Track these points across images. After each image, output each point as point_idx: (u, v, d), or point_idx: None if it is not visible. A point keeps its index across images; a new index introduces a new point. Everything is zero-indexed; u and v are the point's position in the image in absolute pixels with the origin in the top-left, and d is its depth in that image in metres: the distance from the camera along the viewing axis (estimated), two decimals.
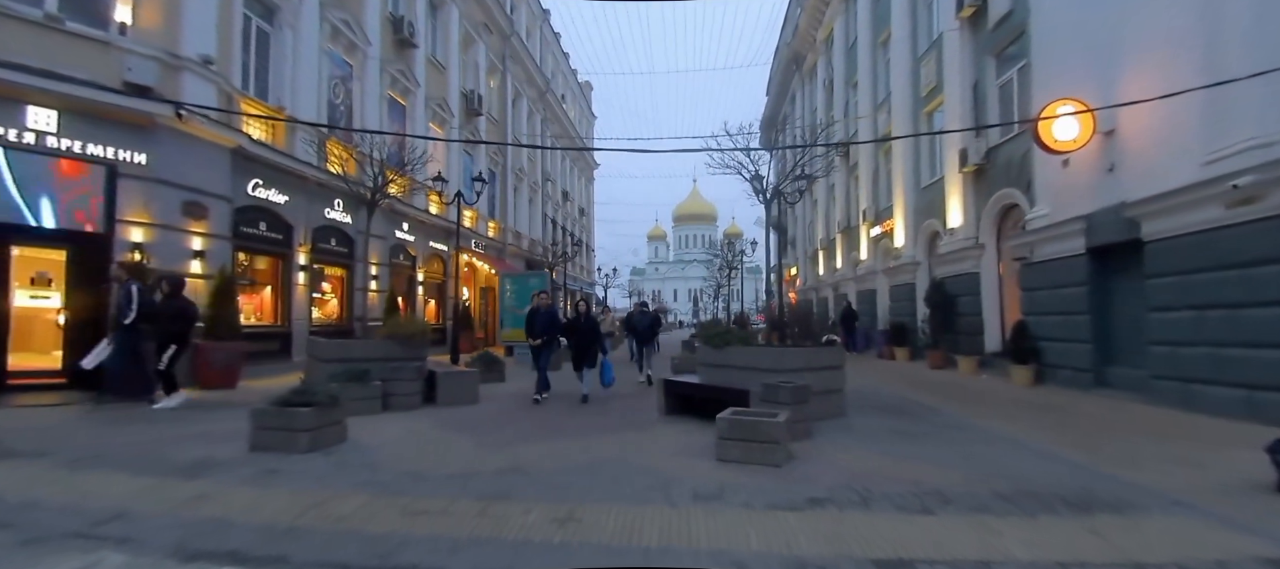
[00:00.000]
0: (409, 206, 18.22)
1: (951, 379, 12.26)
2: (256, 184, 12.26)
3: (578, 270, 42.30)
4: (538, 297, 9.74)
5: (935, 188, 16.16)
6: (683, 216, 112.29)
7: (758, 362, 7.53)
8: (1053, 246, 10.47)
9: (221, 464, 5.27)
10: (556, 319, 9.46)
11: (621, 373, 12.52)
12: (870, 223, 21.39)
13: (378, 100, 16.67)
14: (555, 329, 9.38)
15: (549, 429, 7.05)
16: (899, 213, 18.30)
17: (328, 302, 15.42)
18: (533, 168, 31.87)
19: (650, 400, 8.70)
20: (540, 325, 9.21)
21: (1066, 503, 4.13)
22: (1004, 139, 12.87)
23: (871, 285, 21.55)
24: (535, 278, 17.31)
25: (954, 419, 7.61)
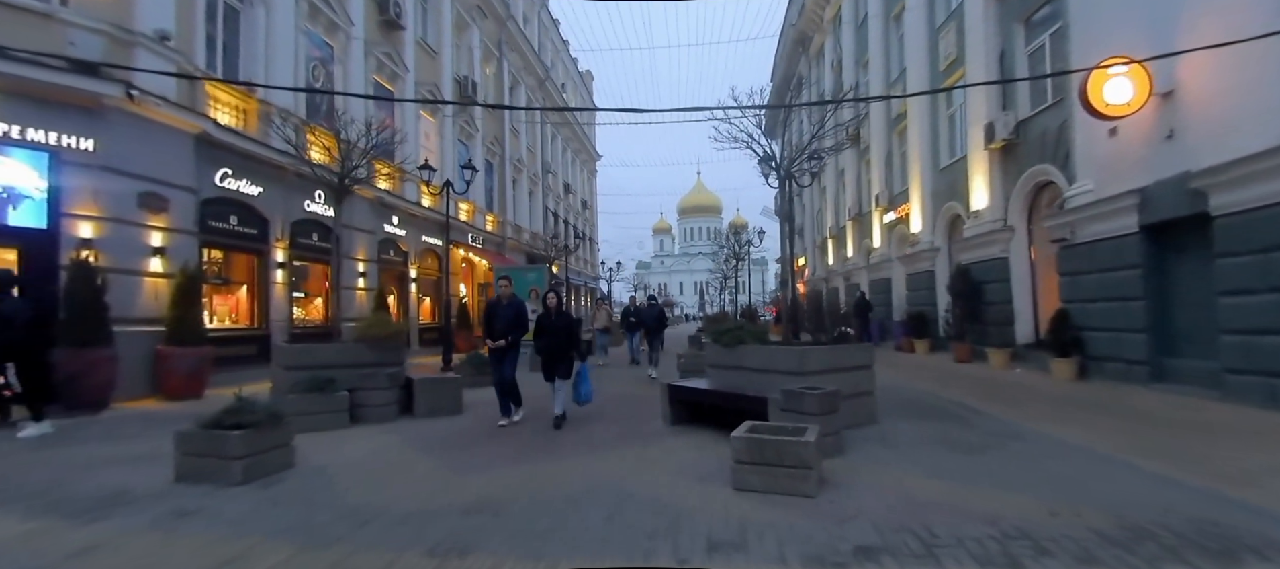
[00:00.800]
0: (399, 199, 17.29)
1: (983, 374, 11.25)
2: (225, 174, 11.34)
3: (581, 264, 41.36)
4: (501, 285, 7.65)
5: (956, 168, 15.10)
6: (687, 209, 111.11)
7: (776, 363, 6.57)
8: (1099, 226, 9.44)
9: (135, 500, 4.38)
10: (523, 315, 7.26)
11: (617, 375, 11.56)
12: (884, 208, 20.34)
13: (363, 85, 15.71)
14: (521, 328, 7.20)
15: (536, 447, 6.10)
16: (915, 197, 17.24)
17: (311, 301, 14.52)
18: (532, 159, 30.90)
19: (654, 406, 7.75)
20: (501, 322, 7.07)
21: (1200, 547, 3.15)
22: (1035, 111, 11.80)
23: (886, 274, 20.52)
24: (533, 272, 16.37)
25: (1005, 425, 6.62)
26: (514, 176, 27.96)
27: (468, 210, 22.45)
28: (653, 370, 11.77)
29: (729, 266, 33.91)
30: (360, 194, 14.96)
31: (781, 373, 6.43)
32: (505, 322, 7.11)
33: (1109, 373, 9.34)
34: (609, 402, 8.73)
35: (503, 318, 7.13)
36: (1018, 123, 12.15)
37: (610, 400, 8.86)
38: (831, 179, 27.60)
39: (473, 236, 22.52)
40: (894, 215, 19.32)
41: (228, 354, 11.15)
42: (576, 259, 39.56)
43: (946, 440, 5.90)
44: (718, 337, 7.42)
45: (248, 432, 4.72)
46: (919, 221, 17.00)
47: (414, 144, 17.85)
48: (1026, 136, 12.01)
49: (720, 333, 7.44)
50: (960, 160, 14.83)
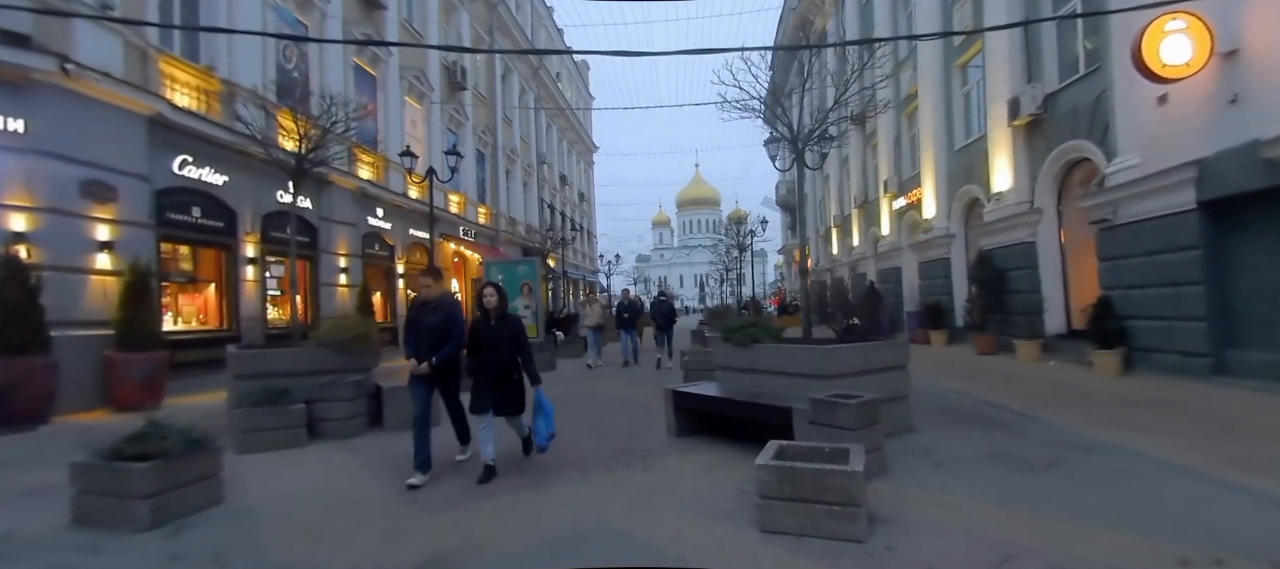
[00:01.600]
0: (383, 189, 16.34)
1: (1013, 369, 10.36)
2: (185, 161, 10.39)
3: (579, 258, 40.44)
4: (423, 283, 5.03)
5: (974, 148, 14.17)
6: (686, 201, 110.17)
7: (798, 365, 5.67)
8: (1146, 203, 8.52)
9: (12, 551, 3.50)
10: (454, 323, 4.86)
11: (612, 378, 10.66)
12: (892, 194, 19.41)
13: (341, 67, 14.74)
14: (450, 341, 4.82)
15: (514, 468, 5.21)
16: (928, 180, 16.30)
17: (283, 300, 13.58)
18: (527, 150, 29.91)
19: (655, 412, 6.86)
20: (427, 335, 4.82)
21: None
22: (1065, 83, 10.86)
23: (895, 263, 19.61)
24: (524, 265, 15.43)
25: (1064, 432, 5.73)
26: (507, 167, 26.98)
27: (458, 202, 21.51)
28: (667, 361, 12.54)
29: (731, 258, 32.99)
30: (339, 184, 14.05)
31: (805, 377, 5.55)
32: (432, 334, 4.77)
33: (1159, 366, 8.45)
34: (604, 409, 7.84)
35: (428, 329, 4.78)
36: (1046, 97, 11.21)
37: (606, 407, 7.97)
38: (835, 166, 26.65)
39: (464, 230, 21.58)
40: (904, 201, 18.39)
41: (193, 359, 10.26)
42: (574, 252, 38.64)
43: (1002, 455, 5.01)
44: (728, 335, 6.51)
45: (157, 464, 3.81)
46: (932, 207, 16.07)
47: (398, 131, 16.90)
48: (1055, 111, 11.08)
49: (731, 331, 6.53)
50: (979, 140, 13.89)
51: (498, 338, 4.76)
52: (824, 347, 5.81)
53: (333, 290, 13.99)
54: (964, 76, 15.05)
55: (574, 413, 7.49)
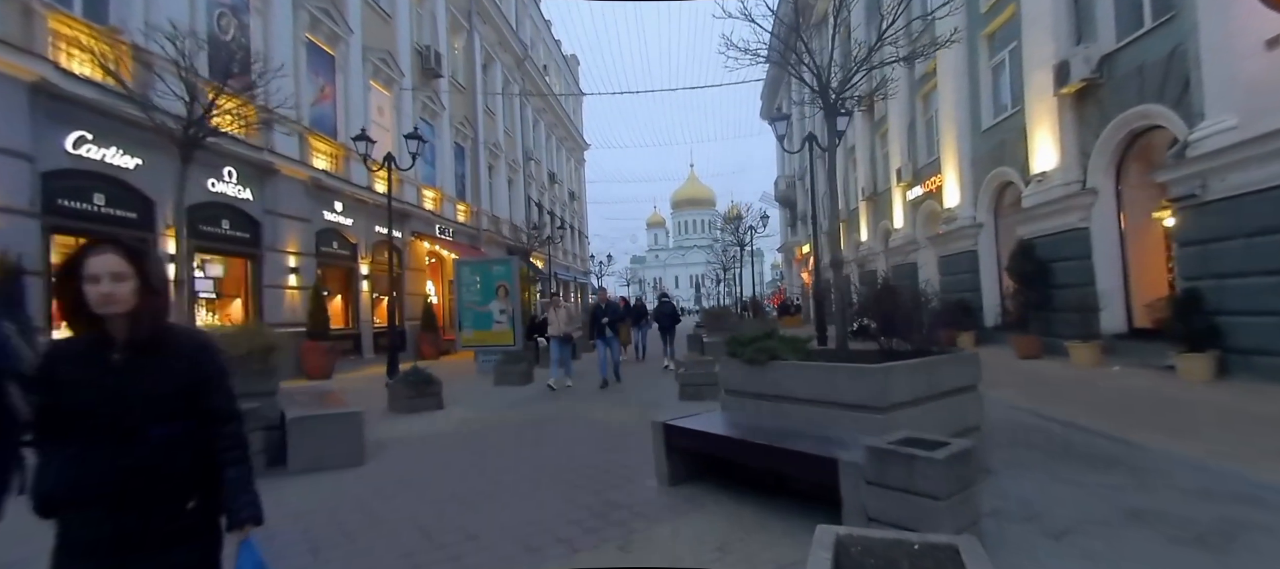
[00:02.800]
0: (343, 181, 14.65)
1: (1070, 375, 8.74)
2: (82, 139, 8.70)
3: (569, 258, 38.78)
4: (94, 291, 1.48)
5: (1008, 126, 12.58)
6: (681, 202, 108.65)
7: (840, 390, 4.05)
8: (1247, 174, 6.93)
9: None
10: None
11: (585, 404, 8.99)
12: (906, 184, 17.83)
13: (290, 43, 13.05)
14: None
15: (443, 539, 3.54)
16: (950, 166, 14.72)
17: (226, 305, 11.86)
18: (512, 145, 28.24)
19: (639, 445, 5.20)
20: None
21: None
22: (1126, 40, 9.28)
23: (909, 258, 18.01)
24: (500, 265, 13.75)
25: (1207, 471, 4.09)
26: (490, 163, 25.30)
27: (434, 198, 19.82)
28: (669, 362, 12.42)
29: (728, 257, 31.35)
30: (287, 173, 12.37)
31: (847, 408, 3.93)
32: None
33: (1264, 371, 6.83)
34: (573, 443, 6.16)
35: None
36: (1101, 58, 9.62)
37: (575, 440, 6.29)
38: (840, 157, 25.00)
39: (441, 228, 19.90)
40: (920, 190, 16.80)
41: None
42: (563, 252, 36.97)
43: (1144, 515, 3.39)
44: (738, 350, 4.84)
45: None
46: (955, 194, 14.48)
47: (361, 119, 15.21)
48: (1113, 74, 9.49)
49: (742, 344, 4.86)
50: (1012, 116, 12.31)
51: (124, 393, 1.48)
52: (874, 367, 4.13)
53: (280, 293, 12.28)
54: (991, 48, 13.47)
55: (532, 450, 5.83)
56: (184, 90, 6.21)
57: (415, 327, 17.47)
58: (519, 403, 8.81)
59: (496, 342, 13.02)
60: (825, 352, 4.97)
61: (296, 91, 13.16)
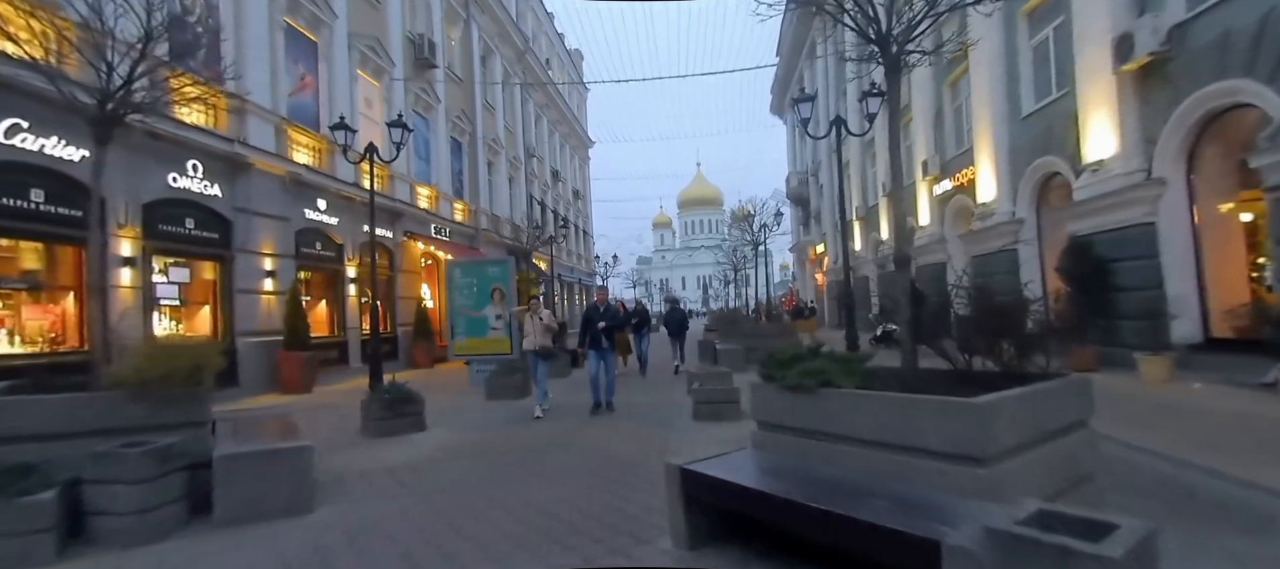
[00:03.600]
0: (327, 177, 13.60)
1: (1143, 394, 7.55)
2: (15, 127, 7.67)
3: (574, 259, 37.73)
4: None
5: (1053, 112, 11.40)
6: (688, 202, 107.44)
7: (918, 431, 2.95)
8: None
9: None
10: None
11: (573, 435, 7.83)
12: (933, 177, 16.65)
13: (265, 26, 12.00)
14: None
15: None
16: (985, 157, 13.54)
17: (192, 313, 10.82)
18: (513, 141, 27.17)
19: (650, 488, 4.11)
20: None
21: None
22: (1202, 7, 8.09)
23: (937, 257, 16.80)
24: (495, 266, 12.64)
25: None
26: (489, 159, 24.24)
27: (429, 196, 18.77)
28: (679, 362, 12.86)
29: (738, 257, 30.16)
30: (262, 168, 11.33)
31: (935, 456, 2.84)
32: None
33: None
34: (563, 483, 5.04)
35: None
36: (1171, 29, 8.44)
37: (564, 477, 5.18)
38: (857, 152, 23.88)
39: (437, 228, 18.84)
40: (949, 184, 15.62)
41: None
42: (568, 253, 35.92)
43: None
44: (778, 371, 3.72)
45: None
46: (991, 188, 13.30)
47: (347, 110, 14.14)
48: (1186, 46, 8.30)
49: (781, 365, 3.74)
50: (1059, 100, 11.13)
51: None
52: (973, 402, 2.97)
53: (253, 299, 11.23)
54: (1030, 26, 12.28)
55: (516, 489, 4.73)
56: (102, 60, 5.11)
57: (408, 333, 16.43)
58: (511, 422, 7.72)
59: (492, 350, 11.90)
60: (890, 374, 3.83)
61: (273, 79, 12.14)
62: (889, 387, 3.48)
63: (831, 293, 29.24)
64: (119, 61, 4.96)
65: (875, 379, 3.58)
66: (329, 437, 7.26)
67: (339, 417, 8.49)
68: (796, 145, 36.78)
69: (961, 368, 3.89)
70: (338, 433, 7.47)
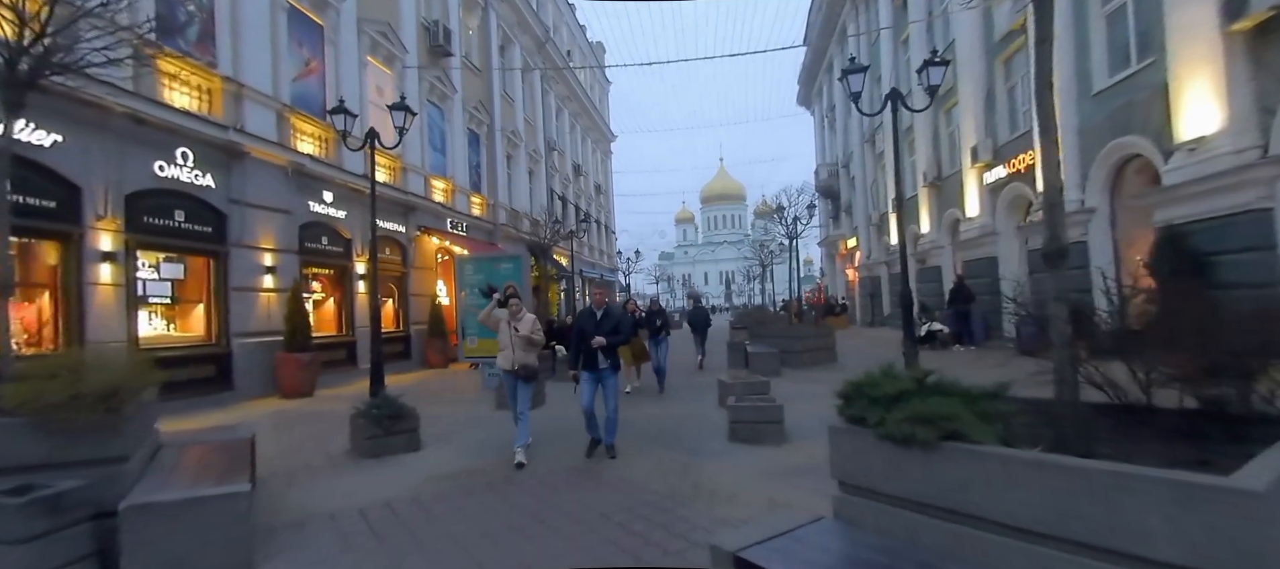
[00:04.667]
0: (334, 168, 12.82)
1: None
2: None
3: (596, 255, 36.84)
4: None
5: (1135, 84, 10.06)
6: (711, 197, 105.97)
7: (1134, 527, 1.78)
8: None
9: None
10: None
11: (558, 487, 6.75)
12: (984, 164, 15.28)
13: (266, 6, 11.22)
14: None
15: None
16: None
17: (186, 312, 10.09)
18: (532, 133, 26.30)
19: (687, 534, 3.09)
20: None
21: None
22: None
23: (986, 251, 15.46)
24: (508, 262, 11.78)
25: None
26: (508, 152, 23.41)
27: (445, 189, 17.97)
28: (702, 359, 13.21)
29: (766, 253, 28.88)
30: (261, 157, 10.58)
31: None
32: None
33: None
34: (581, 549, 4.03)
35: None
36: None
37: (583, 541, 4.17)
38: (891, 141, 22.44)
39: (453, 222, 18.04)
40: (1003, 171, 14.26)
41: None
42: (589, 249, 35.04)
43: None
44: (873, 409, 2.64)
45: None
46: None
47: (356, 98, 13.35)
48: None
49: (877, 402, 2.64)
50: (1143, 71, 9.79)
51: None
52: (1237, 487, 1.82)
53: (251, 297, 10.48)
54: None
55: (506, 551, 3.73)
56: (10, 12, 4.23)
57: (422, 332, 15.65)
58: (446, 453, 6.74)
59: None
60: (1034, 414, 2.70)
61: (274, 63, 11.37)
62: (1042, 438, 2.41)
63: (865, 289, 27.86)
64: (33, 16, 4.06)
65: (1019, 426, 2.49)
66: (310, 457, 6.40)
67: (332, 427, 7.62)
68: (825, 136, 35.33)
69: (1128, 402, 2.80)
70: (322, 451, 6.60)
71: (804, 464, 5.40)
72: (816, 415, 7.34)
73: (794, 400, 7.30)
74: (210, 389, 9.62)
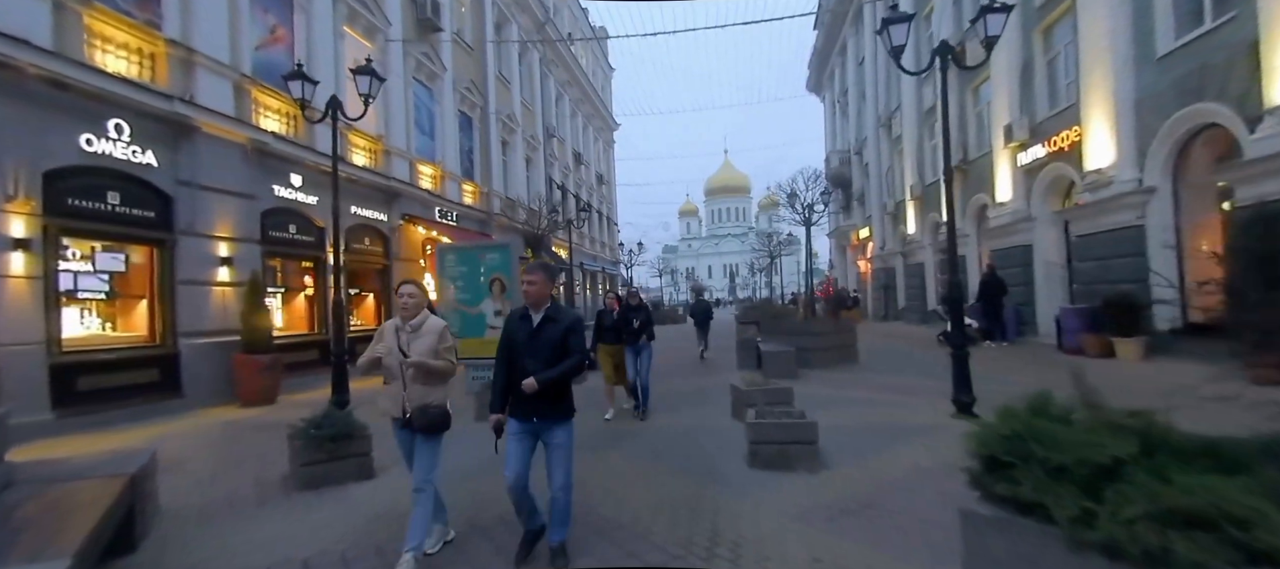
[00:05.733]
0: (304, 148, 11.61)
1: None
2: None
3: (597, 247, 35.60)
4: None
5: (1208, 45, 8.79)
6: (715, 189, 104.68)
7: None
8: None
9: None
10: None
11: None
12: (1018, 144, 13.98)
13: None
14: None
15: None
16: (1099, 112, 10.90)
17: (126, 307, 8.91)
18: (530, 119, 25.04)
19: None
20: None
21: None
22: None
23: (1021, 239, 14.17)
24: (494, 251, 10.51)
25: None
26: (504, 137, 22.15)
27: (433, 175, 16.77)
28: (705, 351, 13.91)
29: (774, 245, 27.55)
30: (214, 132, 9.39)
31: None
32: None
33: None
34: None
35: None
36: None
37: None
38: (912, 124, 21.17)
39: (442, 211, 16.84)
40: (1042, 150, 12.97)
41: None
42: (591, 241, 33.81)
43: None
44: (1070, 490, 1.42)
45: None
46: (1109, 151, 10.67)
47: (329, 71, 12.14)
48: None
49: (1062, 470, 1.44)
50: (1222, 27, 8.51)
51: None
52: None
53: (202, 292, 9.31)
54: None
55: None
56: None
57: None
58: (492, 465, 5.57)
59: (492, 354, 9.80)
60: None
61: (232, 28, 10.16)
62: None
63: (878, 281, 26.56)
64: None
65: None
66: (240, 484, 5.25)
67: (283, 443, 6.45)
68: (837, 122, 33.96)
69: None
70: (258, 477, 5.43)
71: (848, 501, 4.23)
72: (849, 430, 6.13)
73: (819, 409, 6.11)
74: (154, 396, 8.47)
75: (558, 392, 3.33)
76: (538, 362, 3.25)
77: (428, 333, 3.52)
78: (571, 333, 3.37)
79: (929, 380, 9.06)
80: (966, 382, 6.69)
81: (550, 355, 3.29)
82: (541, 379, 3.19)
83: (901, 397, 7.95)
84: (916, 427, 6.18)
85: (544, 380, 3.20)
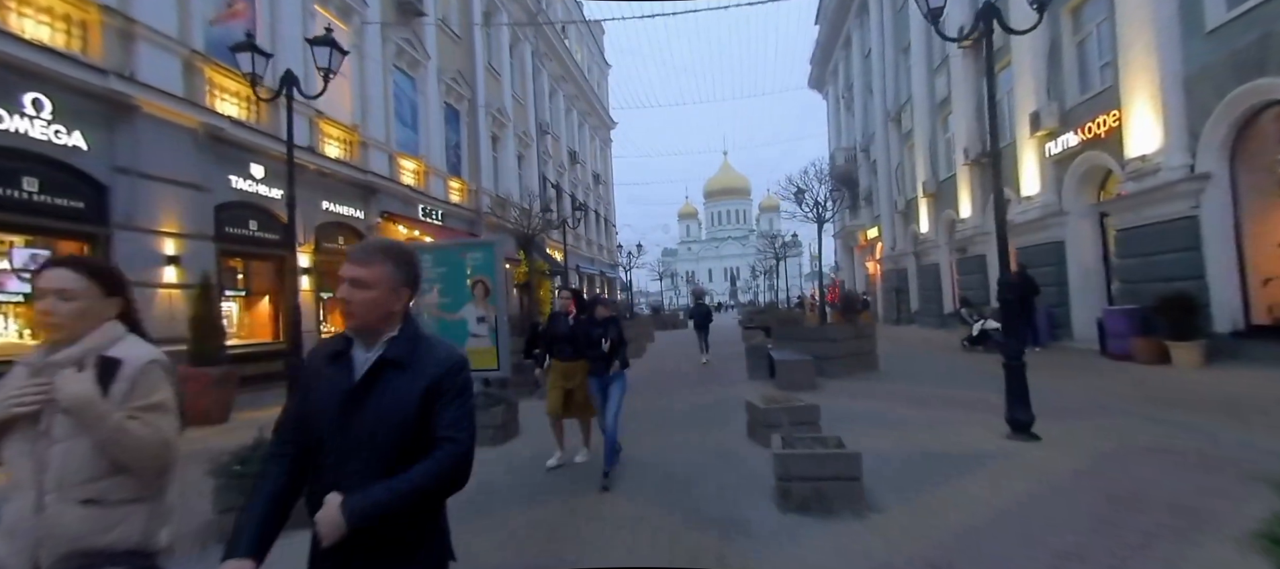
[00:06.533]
0: (268, 136, 10.55)
1: None
2: None
3: (594, 249, 34.55)
4: None
5: (1271, 13, 7.77)
6: (714, 192, 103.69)
7: None
8: None
9: None
10: None
11: None
12: (1046, 132, 12.97)
13: None
14: None
15: None
16: (1143, 93, 9.89)
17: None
18: (522, 114, 24.02)
19: None
20: None
21: None
22: None
23: (1051, 235, 13.15)
24: (477, 250, 9.43)
25: None
26: (494, 132, 21.12)
27: (415, 170, 15.72)
28: (705, 356, 13.46)
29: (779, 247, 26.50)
30: (157, 113, 8.31)
31: None
32: None
33: None
34: None
35: None
36: None
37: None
38: (925, 116, 20.19)
39: (425, 209, 15.80)
40: (1074, 138, 11.96)
41: None
42: (587, 243, 32.75)
43: None
44: None
45: None
46: (1155, 135, 9.66)
47: (295, 53, 11.09)
48: None
49: None
50: None
51: None
52: None
53: (145, 294, 8.21)
54: None
55: None
56: None
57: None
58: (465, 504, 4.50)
59: (475, 365, 8.72)
60: None
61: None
62: None
63: (888, 283, 25.53)
64: None
65: None
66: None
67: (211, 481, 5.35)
68: (841, 119, 32.99)
69: None
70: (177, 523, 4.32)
71: (914, 559, 3.20)
72: (890, 457, 5.05)
73: (847, 428, 5.08)
74: None
75: (397, 536, 1.39)
76: (356, 459, 1.40)
77: (69, 385, 1.44)
78: (444, 395, 1.44)
79: (963, 390, 8.05)
80: (1023, 397, 5.67)
81: (387, 446, 1.40)
82: (357, 508, 1.30)
83: (940, 411, 6.90)
84: (971, 452, 5.13)
85: (364, 513, 1.30)
